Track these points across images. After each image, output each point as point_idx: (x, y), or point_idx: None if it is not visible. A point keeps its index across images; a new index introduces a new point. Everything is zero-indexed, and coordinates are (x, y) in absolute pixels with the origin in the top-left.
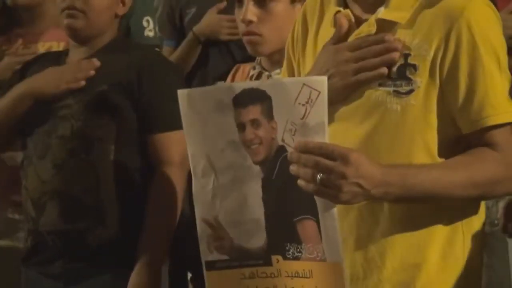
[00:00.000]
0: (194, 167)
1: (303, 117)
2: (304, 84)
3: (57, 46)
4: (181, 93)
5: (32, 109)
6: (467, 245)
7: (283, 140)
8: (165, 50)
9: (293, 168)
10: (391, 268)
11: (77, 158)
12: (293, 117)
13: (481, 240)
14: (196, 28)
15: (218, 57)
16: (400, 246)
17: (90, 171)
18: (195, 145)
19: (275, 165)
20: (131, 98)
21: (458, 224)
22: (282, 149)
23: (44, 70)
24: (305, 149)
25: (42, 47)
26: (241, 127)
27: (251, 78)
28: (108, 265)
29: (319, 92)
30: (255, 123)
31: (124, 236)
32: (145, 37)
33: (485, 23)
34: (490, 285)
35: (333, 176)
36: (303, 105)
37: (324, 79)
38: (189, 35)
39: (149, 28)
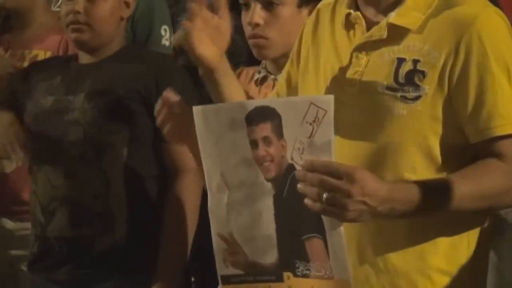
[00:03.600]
0: (209, 183)
1: (310, 136)
2: (311, 103)
3: (43, 55)
4: (196, 110)
5: (42, 114)
6: (472, 250)
7: (292, 159)
8: None
9: (300, 187)
10: (394, 273)
11: (89, 164)
12: (301, 136)
13: (486, 245)
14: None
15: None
16: (403, 252)
17: (100, 178)
18: (210, 161)
19: (285, 183)
20: (148, 104)
21: (464, 230)
22: (291, 167)
23: (52, 76)
24: (312, 168)
25: (28, 55)
26: (254, 144)
27: (255, 82)
28: (115, 272)
29: (326, 111)
30: (266, 140)
31: (132, 243)
32: (162, 45)
33: (496, 33)
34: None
35: (339, 195)
36: (310, 124)
37: (331, 98)
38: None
39: (166, 37)
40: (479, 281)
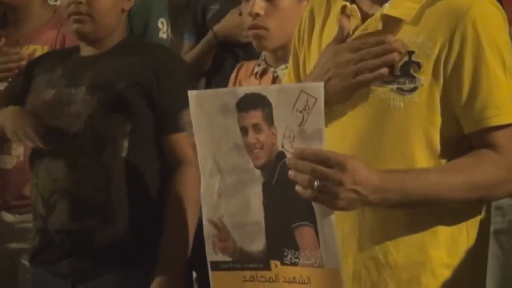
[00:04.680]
0: (203, 168)
1: (300, 124)
2: (301, 91)
3: (41, 49)
4: (191, 94)
5: (42, 107)
6: (472, 242)
7: (282, 146)
8: (185, 44)
9: (291, 174)
10: (395, 266)
11: (89, 157)
12: (291, 124)
13: (486, 237)
14: (216, 28)
15: (233, 59)
16: (404, 245)
17: (101, 170)
18: (203, 145)
19: (275, 171)
20: (149, 97)
21: (463, 222)
22: (281, 155)
23: (53, 68)
24: (302, 156)
25: (26, 50)
26: (244, 131)
27: (256, 75)
28: (116, 264)
29: (316, 99)
30: (256, 127)
31: (133, 236)
32: (159, 38)
33: (491, 23)
34: (505, 282)
35: (330, 183)
36: (301, 112)
37: (320, 85)
38: (209, 34)
39: (163, 30)
40: (479, 273)
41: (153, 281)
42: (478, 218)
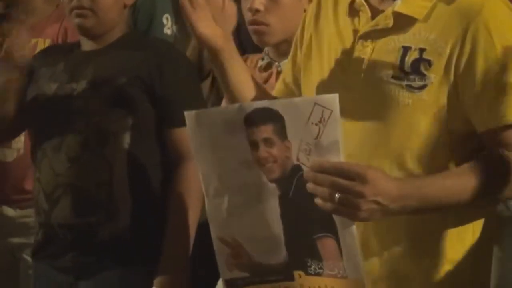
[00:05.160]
0: (206, 187)
1: (316, 137)
2: (315, 103)
3: (43, 43)
4: (189, 115)
5: (44, 101)
6: (477, 238)
7: (298, 160)
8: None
9: (310, 187)
10: (399, 263)
11: (92, 152)
12: (307, 137)
13: (491, 233)
14: None
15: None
16: (409, 242)
17: (104, 165)
18: (206, 165)
19: (292, 184)
20: (151, 91)
21: (469, 218)
22: (297, 168)
23: (55, 62)
24: (321, 169)
25: (28, 44)
26: (254, 145)
27: (259, 69)
28: (119, 259)
29: (331, 111)
30: (268, 141)
31: (136, 231)
32: (164, 34)
33: (503, 22)
34: (501, 278)
35: (351, 196)
36: (316, 124)
37: (335, 97)
38: None
39: (168, 26)
40: (484, 271)
41: (156, 279)
42: (484, 215)
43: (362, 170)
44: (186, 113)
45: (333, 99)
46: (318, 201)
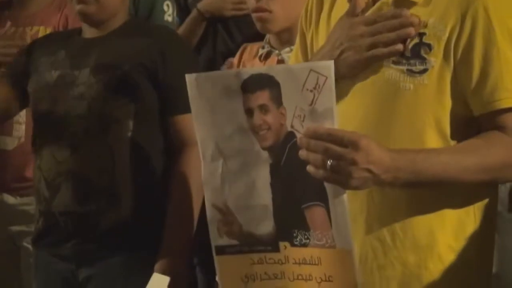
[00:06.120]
0: (203, 152)
1: (311, 103)
2: (311, 70)
3: (44, 31)
4: (189, 78)
5: (46, 88)
6: (479, 226)
7: (292, 126)
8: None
9: (302, 154)
10: (402, 248)
11: (94, 139)
12: (301, 103)
13: (493, 221)
14: (200, 5)
15: (227, 33)
16: (412, 228)
17: (106, 152)
18: (203, 130)
19: (284, 151)
20: (154, 78)
21: (470, 206)
22: (291, 135)
23: (56, 50)
24: (315, 135)
25: (29, 31)
26: (249, 112)
27: (260, 57)
28: (121, 247)
29: (326, 77)
30: (263, 108)
31: (138, 219)
32: (165, 21)
33: (502, 6)
34: (500, 266)
35: (343, 162)
36: (311, 91)
37: (330, 63)
38: (193, 12)
39: (168, 13)
40: (486, 257)
41: (157, 263)
42: (485, 201)
43: (355, 137)
44: (187, 76)
45: (328, 66)
46: (310, 168)
